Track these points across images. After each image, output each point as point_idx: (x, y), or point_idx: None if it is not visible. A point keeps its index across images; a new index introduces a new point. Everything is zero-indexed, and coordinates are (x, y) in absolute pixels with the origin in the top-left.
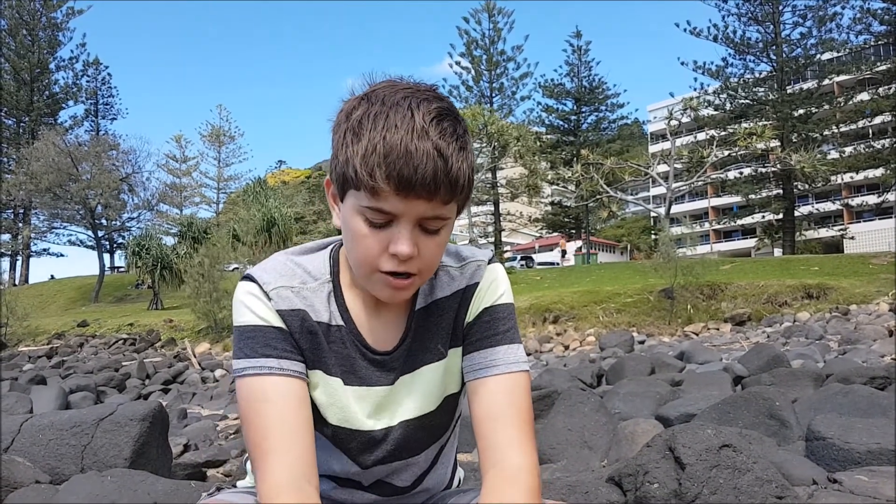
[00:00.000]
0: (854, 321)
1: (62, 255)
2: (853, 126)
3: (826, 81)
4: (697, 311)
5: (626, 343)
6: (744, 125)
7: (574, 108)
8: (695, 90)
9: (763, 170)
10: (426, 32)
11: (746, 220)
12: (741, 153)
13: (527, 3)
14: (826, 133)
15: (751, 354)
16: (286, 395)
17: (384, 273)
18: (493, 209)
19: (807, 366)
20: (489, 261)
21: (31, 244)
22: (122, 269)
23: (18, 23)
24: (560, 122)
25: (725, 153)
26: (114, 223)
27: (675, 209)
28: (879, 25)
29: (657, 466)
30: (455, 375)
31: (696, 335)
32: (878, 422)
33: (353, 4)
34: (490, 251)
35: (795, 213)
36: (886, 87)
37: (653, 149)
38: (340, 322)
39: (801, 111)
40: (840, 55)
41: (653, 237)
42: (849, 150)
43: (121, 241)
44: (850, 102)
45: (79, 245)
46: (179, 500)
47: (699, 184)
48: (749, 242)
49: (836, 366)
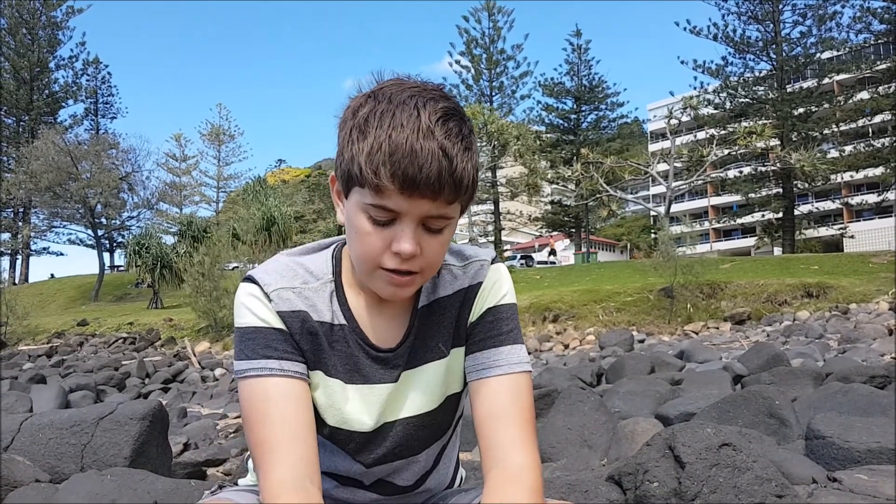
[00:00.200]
0: (854, 320)
1: (62, 254)
2: (853, 125)
3: (826, 80)
4: (697, 310)
5: (626, 342)
6: (744, 124)
7: (574, 107)
8: (695, 89)
9: (763, 169)
10: (425, 32)
11: (746, 219)
12: (741, 152)
13: (527, 3)
14: (826, 132)
15: (750, 353)
16: (288, 396)
17: (386, 270)
18: (493, 208)
19: (806, 365)
20: (492, 261)
21: (31, 243)
22: (122, 268)
23: (18, 21)
24: (560, 121)
25: (725, 152)
26: (113, 222)
27: (675, 208)
28: (879, 24)
29: (657, 465)
30: (457, 375)
31: (696, 334)
32: (878, 421)
33: (353, 4)
34: (492, 251)
35: (795, 212)
36: (886, 86)
37: (653, 147)
38: (343, 321)
39: (801, 110)
40: (840, 54)
41: (652, 236)
42: (849, 149)
43: (120, 240)
44: (850, 101)
45: (78, 244)
46: (179, 499)
47: (699, 183)
48: (749, 241)
49: (836, 365)
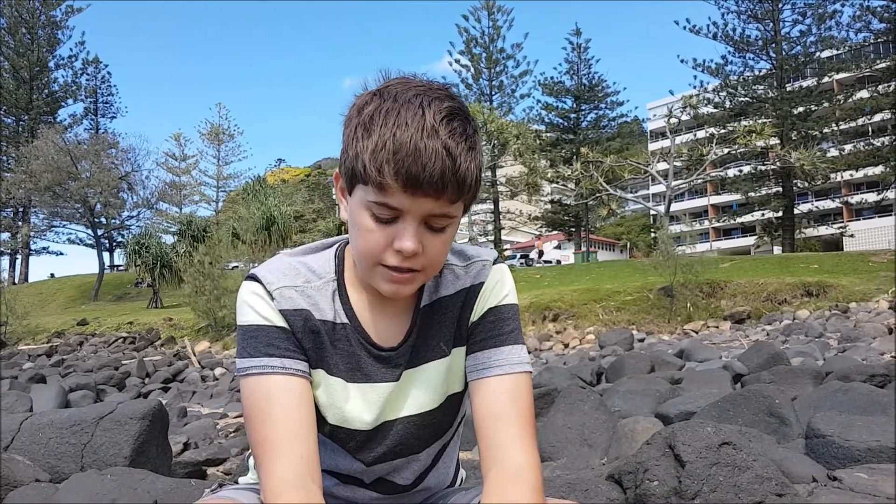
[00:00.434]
0: (854, 319)
1: (62, 254)
2: (853, 124)
3: (825, 79)
4: (697, 309)
5: (626, 341)
6: (743, 123)
7: (574, 106)
8: (694, 88)
9: (763, 167)
10: (425, 31)
11: (746, 218)
12: (741, 151)
13: (526, 2)
14: (825, 131)
15: (750, 352)
16: (290, 394)
17: (386, 267)
18: (493, 207)
19: (806, 363)
20: (494, 261)
21: (31, 242)
22: (122, 268)
23: (18, 21)
24: (560, 120)
25: (725, 151)
26: (113, 221)
27: (675, 207)
28: (879, 23)
29: (657, 464)
30: (458, 375)
31: (696, 333)
32: (878, 419)
33: (353, 4)
34: (495, 252)
35: (795, 211)
36: (886, 85)
37: (652, 147)
38: (345, 320)
39: (801, 109)
40: (839, 53)
41: (652, 235)
42: (848, 148)
43: (120, 240)
44: (850, 100)
45: (78, 243)
46: (179, 499)
47: (699, 182)
48: (749, 240)
49: (836, 363)
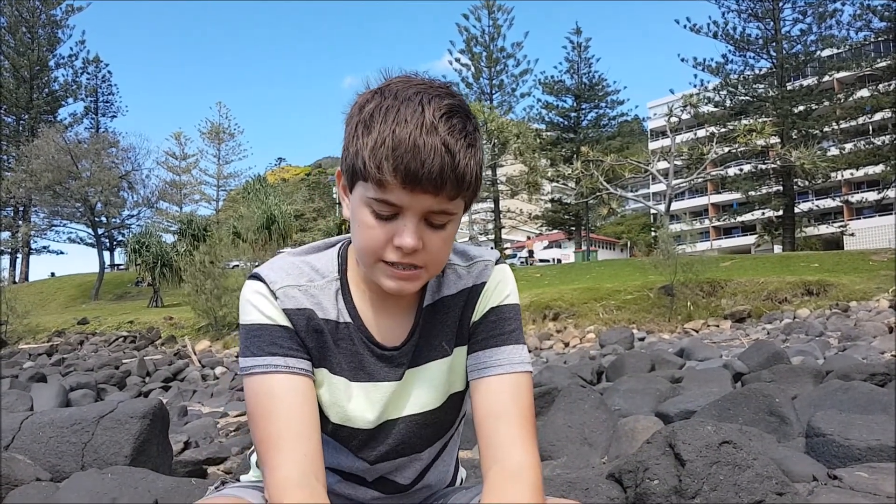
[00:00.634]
0: (854, 318)
1: (62, 253)
2: (853, 122)
3: (826, 78)
4: (697, 308)
5: (626, 340)
6: (744, 122)
7: (574, 105)
8: (695, 87)
9: (763, 166)
10: (425, 30)
11: (746, 217)
12: (741, 150)
13: (526, 2)
14: (826, 129)
15: (751, 351)
16: (293, 393)
17: (388, 264)
18: (493, 206)
19: (807, 362)
20: (496, 261)
21: (31, 242)
22: (122, 267)
23: (18, 20)
24: (560, 119)
25: (725, 150)
26: (114, 221)
27: (675, 206)
28: (879, 22)
29: (657, 463)
30: (460, 374)
31: (696, 332)
32: (878, 418)
33: (353, 4)
34: (497, 252)
35: (795, 210)
36: (886, 84)
37: (653, 145)
38: (348, 319)
39: (801, 108)
40: (840, 52)
41: (653, 234)
42: (849, 147)
43: (121, 239)
44: (850, 99)
45: (79, 243)
46: (180, 498)
47: (699, 180)
48: (749, 239)
49: (836, 362)
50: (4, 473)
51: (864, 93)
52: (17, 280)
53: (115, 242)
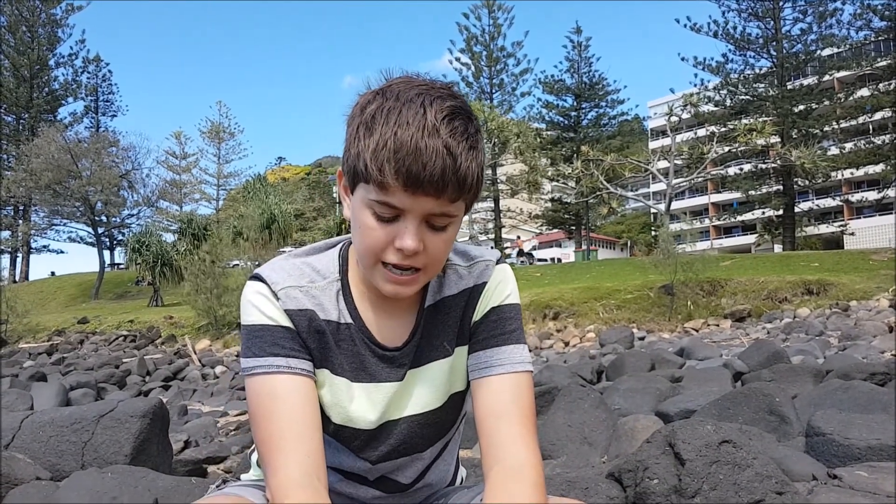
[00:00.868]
0: (854, 317)
1: (62, 252)
2: (853, 122)
3: (826, 77)
4: (697, 308)
5: (626, 339)
6: (744, 121)
7: (574, 105)
8: (695, 86)
9: (763, 166)
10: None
11: (746, 217)
12: (741, 149)
13: (527, 1)
14: (826, 129)
15: (751, 350)
16: (295, 393)
17: (387, 266)
18: (494, 206)
19: (807, 362)
20: (497, 261)
21: (31, 241)
22: (123, 266)
23: (18, 19)
24: (560, 119)
25: (725, 149)
26: (114, 220)
27: (675, 205)
28: (879, 21)
29: (657, 462)
30: (461, 373)
31: (696, 331)
32: (878, 418)
33: (353, 4)
34: (497, 252)
35: (795, 210)
36: (887, 83)
37: (653, 145)
38: (349, 320)
39: (802, 107)
40: (840, 51)
41: (653, 233)
42: (849, 146)
43: (121, 238)
44: (851, 98)
45: (79, 242)
46: (180, 497)
47: (699, 180)
48: (749, 238)
49: (836, 362)
50: (4, 472)
51: (865, 92)
52: (18, 279)
53: (116, 242)
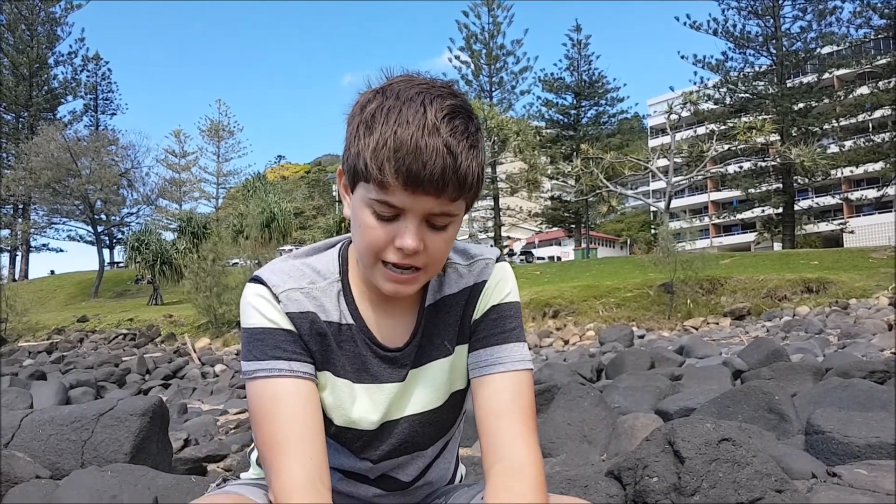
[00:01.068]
0: (854, 315)
1: (62, 251)
2: (853, 120)
3: (826, 75)
4: (697, 306)
5: (626, 337)
6: (743, 119)
7: (574, 103)
8: (695, 84)
9: (763, 164)
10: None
11: (746, 215)
12: (741, 147)
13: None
14: (826, 127)
15: (750, 349)
16: (297, 396)
17: (387, 265)
18: (493, 204)
19: (806, 360)
20: (497, 259)
21: (31, 239)
22: (122, 265)
23: (17, 18)
24: (560, 117)
25: (725, 147)
26: (113, 218)
27: (675, 203)
28: (879, 19)
29: (656, 460)
30: (461, 372)
31: (696, 329)
32: (878, 416)
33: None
34: (497, 250)
35: (795, 208)
36: (886, 81)
37: (652, 143)
38: (350, 321)
39: (801, 105)
40: (840, 49)
41: (652, 232)
42: (848, 144)
43: (120, 237)
44: (850, 96)
45: (78, 240)
46: (180, 495)
47: (699, 178)
48: (749, 237)
49: (836, 360)
50: (4, 471)
51: (864, 90)
52: (17, 278)
53: (115, 240)
